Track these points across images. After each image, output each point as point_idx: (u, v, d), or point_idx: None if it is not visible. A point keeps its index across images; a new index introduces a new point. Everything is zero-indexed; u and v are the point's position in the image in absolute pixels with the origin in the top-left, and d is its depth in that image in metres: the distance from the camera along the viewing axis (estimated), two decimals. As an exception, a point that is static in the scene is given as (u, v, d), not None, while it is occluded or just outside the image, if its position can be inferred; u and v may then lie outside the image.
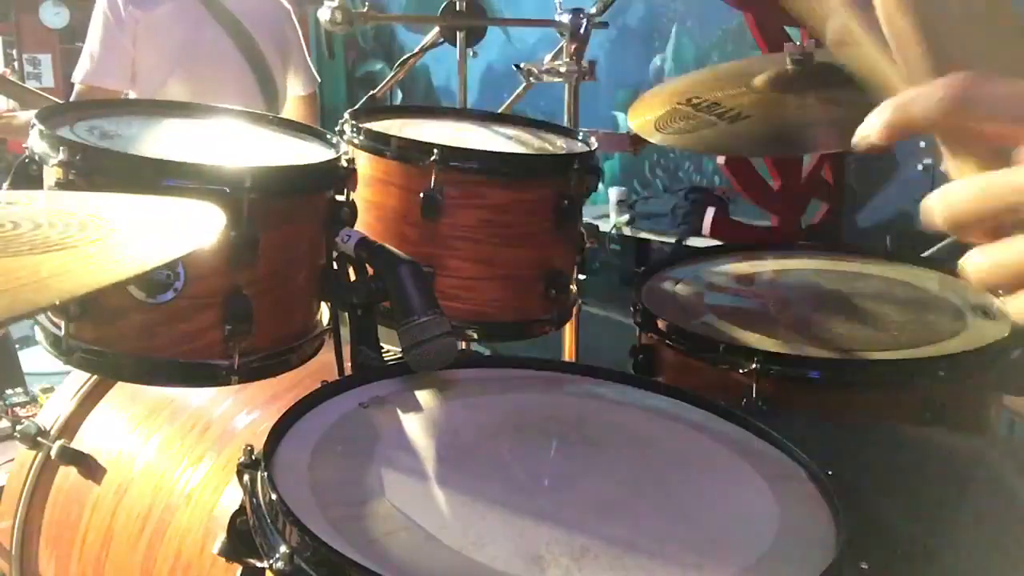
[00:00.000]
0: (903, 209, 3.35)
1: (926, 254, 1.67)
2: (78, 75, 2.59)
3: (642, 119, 1.69)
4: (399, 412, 1.05)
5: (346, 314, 1.26)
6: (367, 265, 1.19)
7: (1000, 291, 0.57)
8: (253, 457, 0.88)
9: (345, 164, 1.24)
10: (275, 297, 1.16)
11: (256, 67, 2.67)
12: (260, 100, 2.69)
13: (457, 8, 1.98)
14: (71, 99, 2.53)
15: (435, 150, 1.28)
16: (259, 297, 1.13)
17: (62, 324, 1.11)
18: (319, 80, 2.97)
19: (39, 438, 1.49)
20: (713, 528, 0.87)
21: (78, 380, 1.55)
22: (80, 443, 1.47)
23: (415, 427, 1.02)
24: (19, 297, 0.61)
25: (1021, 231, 0.52)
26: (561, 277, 1.40)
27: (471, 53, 2.07)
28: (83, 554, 1.39)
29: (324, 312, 1.29)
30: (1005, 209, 0.52)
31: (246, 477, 0.87)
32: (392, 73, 2.19)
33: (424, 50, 2.09)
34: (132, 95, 2.56)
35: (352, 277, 1.21)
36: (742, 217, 3.53)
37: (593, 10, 1.93)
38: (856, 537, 0.83)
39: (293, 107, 2.86)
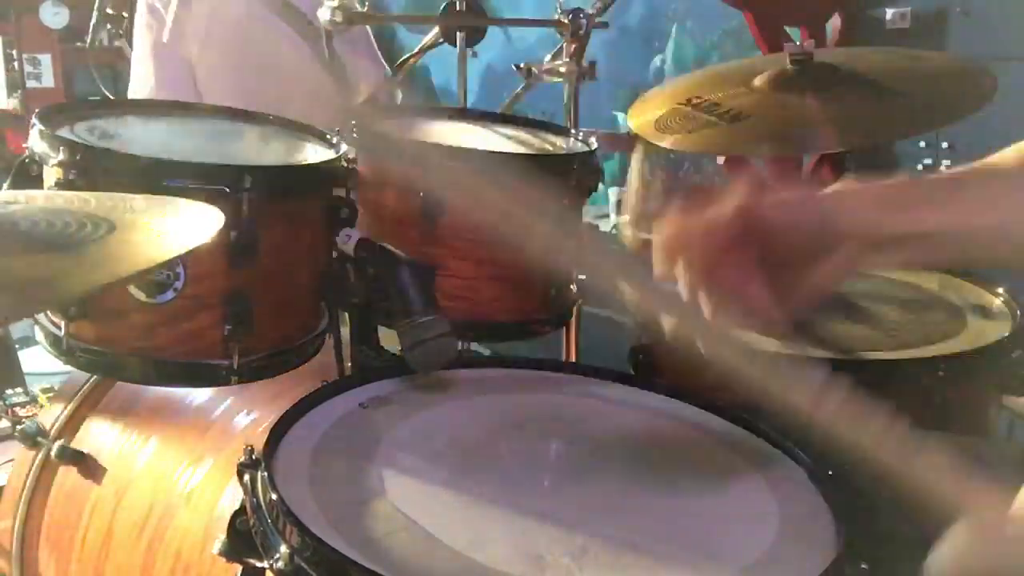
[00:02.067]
0: (903, 209, 3.35)
1: (926, 254, 1.67)
2: (139, 93, 2.42)
3: (642, 119, 1.69)
4: (399, 412, 1.04)
5: (346, 314, 1.26)
6: (367, 265, 1.19)
7: None
8: (253, 457, 0.88)
9: (345, 164, 1.24)
10: (275, 297, 1.16)
11: (322, 55, 2.52)
12: (332, 91, 2.54)
13: (457, 8, 1.97)
14: None
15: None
16: (259, 297, 1.13)
17: (62, 324, 1.11)
18: (384, 65, 2.66)
19: (39, 438, 1.49)
20: (713, 528, 0.87)
21: (78, 380, 1.54)
22: (80, 443, 1.46)
23: (415, 427, 1.02)
24: (20, 298, 0.61)
25: None
26: (561, 277, 1.40)
27: (471, 53, 2.06)
28: (83, 554, 1.39)
29: (324, 312, 1.29)
30: None
31: (246, 477, 0.87)
32: (392, 73, 2.19)
33: (424, 50, 2.09)
34: None
35: (352, 277, 1.21)
36: (742, 217, 3.52)
37: (593, 10, 1.93)
38: (856, 537, 0.83)
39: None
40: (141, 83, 2.44)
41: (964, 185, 0.88)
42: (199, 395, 1.43)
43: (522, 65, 1.96)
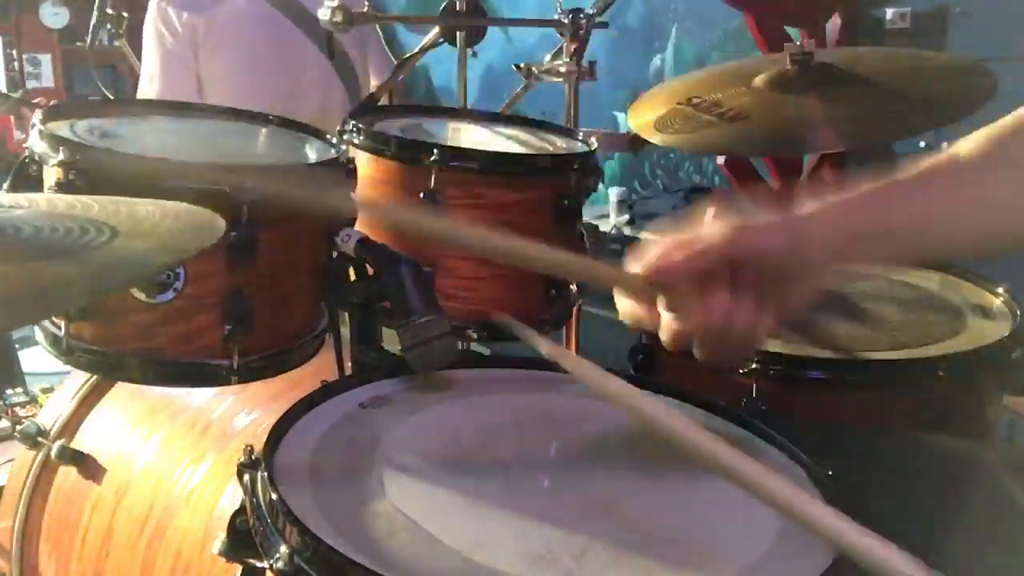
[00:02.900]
0: (903, 209, 3.34)
1: (926, 254, 1.67)
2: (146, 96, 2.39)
3: (642, 119, 1.69)
4: (399, 412, 1.04)
5: (346, 314, 1.26)
6: (367, 265, 1.19)
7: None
8: (253, 457, 0.88)
9: (345, 164, 1.24)
10: (275, 297, 1.16)
11: (333, 56, 2.41)
12: (343, 91, 2.50)
13: (457, 8, 1.97)
14: None
15: (435, 150, 1.28)
16: (259, 297, 1.13)
17: (62, 324, 1.11)
18: (395, 63, 2.55)
19: (39, 438, 1.49)
20: (713, 528, 0.87)
21: (78, 380, 1.55)
22: (80, 443, 1.47)
23: (415, 427, 1.02)
24: (22, 306, 0.61)
25: None
26: (561, 277, 1.40)
27: (471, 53, 2.06)
28: (83, 554, 1.39)
29: (324, 312, 1.29)
30: None
31: (246, 477, 0.87)
32: (392, 73, 2.19)
33: (424, 50, 2.08)
34: None
35: (352, 277, 1.21)
36: (742, 217, 3.51)
37: (593, 10, 1.93)
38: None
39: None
40: (148, 87, 2.44)
41: (919, 185, 0.95)
42: (199, 395, 1.43)
43: (522, 65, 1.96)
